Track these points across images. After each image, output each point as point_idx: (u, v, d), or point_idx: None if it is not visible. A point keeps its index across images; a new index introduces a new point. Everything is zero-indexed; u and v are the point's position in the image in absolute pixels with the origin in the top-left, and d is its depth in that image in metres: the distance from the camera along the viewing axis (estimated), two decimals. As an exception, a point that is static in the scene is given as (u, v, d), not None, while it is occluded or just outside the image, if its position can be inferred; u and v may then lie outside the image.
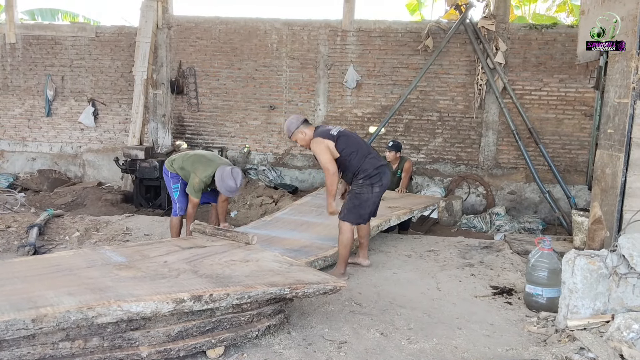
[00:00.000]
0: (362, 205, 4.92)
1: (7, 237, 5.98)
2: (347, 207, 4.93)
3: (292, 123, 4.91)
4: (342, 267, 4.93)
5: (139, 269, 3.52)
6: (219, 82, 10.15)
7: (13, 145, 11.09)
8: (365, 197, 4.91)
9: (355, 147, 4.93)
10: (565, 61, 8.84)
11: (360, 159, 4.91)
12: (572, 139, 9.00)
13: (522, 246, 6.14)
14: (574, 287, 3.63)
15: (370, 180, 4.91)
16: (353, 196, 4.94)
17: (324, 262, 4.93)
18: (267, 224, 6.23)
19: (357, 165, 4.90)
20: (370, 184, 4.92)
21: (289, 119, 5.00)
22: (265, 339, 3.48)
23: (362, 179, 4.91)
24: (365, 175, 4.90)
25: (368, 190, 4.92)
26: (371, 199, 4.98)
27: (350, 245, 4.93)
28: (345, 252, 4.91)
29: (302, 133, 4.88)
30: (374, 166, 4.94)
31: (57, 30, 10.72)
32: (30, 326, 2.56)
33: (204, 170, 5.39)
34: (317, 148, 4.82)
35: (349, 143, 4.92)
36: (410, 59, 9.40)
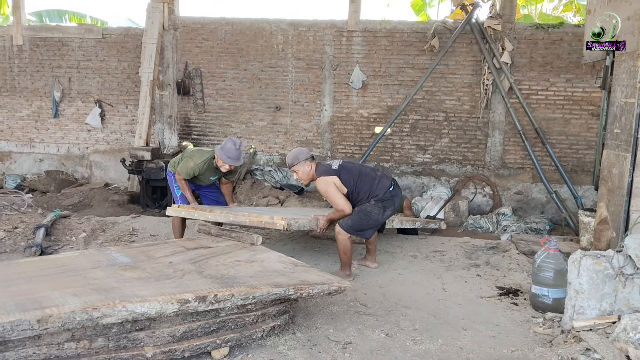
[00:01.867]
0: (368, 223, 4.94)
1: (14, 238, 6.02)
2: (353, 219, 4.88)
3: (301, 153, 4.91)
4: (347, 268, 4.98)
5: (144, 269, 3.53)
6: (225, 83, 10.17)
7: (20, 146, 11.15)
8: (375, 217, 4.93)
9: (360, 177, 4.93)
10: (572, 61, 8.79)
11: (369, 185, 4.91)
12: (579, 139, 8.96)
13: (528, 247, 6.12)
14: (580, 287, 3.61)
15: (383, 204, 4.93)
16: (363, 212, 4.90)
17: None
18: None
19: (367, 191, 4.90)
20: (382, 207, 4.94)
21: (298, 149, 5.00)
22: (270, 340, 3.49)
23: (374, 201, 4.91)
24: (377, 199, 4.91)
25: (379, 212, 4.93)
26: (380, 220, 5.03)
27: (350, 250, 4.97)
28: (347, 257, 4.96)
29: (308, 166, 4.87)
30: (385, 189, 4.94)
31: (64, 31, 10.77)
32: (35, 326, 2.58)
33: (201, 156, 5.48)
34: (327, 189, 4.81)
35: (352, 174, 4.92)
36: (416, 59, 9.38)
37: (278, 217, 4.58)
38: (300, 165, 4.84)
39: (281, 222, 4.53)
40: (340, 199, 4.81)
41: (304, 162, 4.84)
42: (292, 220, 4.64)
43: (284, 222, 4.53)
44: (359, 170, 5.00)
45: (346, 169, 4.92)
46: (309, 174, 4.88)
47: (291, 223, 4.61)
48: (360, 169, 5.04)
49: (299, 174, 4.88)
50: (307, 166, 4.85)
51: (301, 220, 4.79)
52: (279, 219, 4.56)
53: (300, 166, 4.84)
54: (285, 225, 4.54)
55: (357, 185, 4.89)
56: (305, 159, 4.84)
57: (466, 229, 8.31)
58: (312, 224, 4.90)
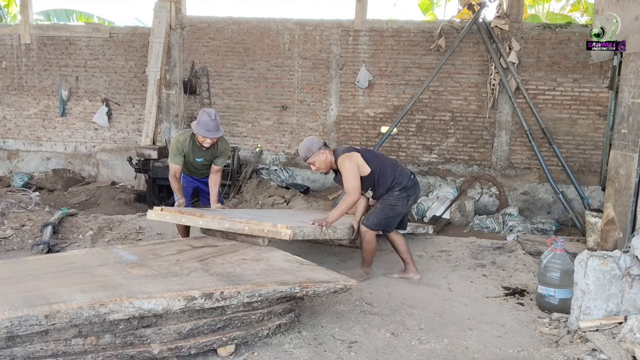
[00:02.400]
0: (393, 217, 4.82)
1: (21, 236, 6.06)
2: (378, 216, 4.77)
3: (313, 143, 4.68)
4: (367, 268, 4.91)
5: (151, 267, 3.54)
6: (231, 82, 10.19)
7: (28, 144, 11.21)
8: (399, 210, 4.81)
9: (385, 161, 4.81)
10: (579, 61, 8.76)
11: (392, 170, 4.78)
12: (586, 139, 8.92)
13: (534, 247, 6.11)
14: (586, 288, 3.60)
15: (407, 192, 4.80)
16: (387, 207, 4.76)
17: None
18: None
19: (390, 177, 4.74)
20: (406, 196, 4.80)
21: (308, 140, 4.75)
22: (275, 338, 3.49)
23: (398, 190, 4.76)
24: (402, 188, 4.76)
25: (403, 203, 4.80)
26: (403, 211, 4.90)
27: (374, 250, 4.89)
28: (370, 257, 4.88)
29: (324, 154, 4.66)
30: (408, 176, 4.84)
31: (71, 30, 10.82)
32: (43, 322, 2.59)
33: (183, 134, 5.25)
34: (345, 163, 4.57)
35: (375, 155, 4.81)
36: (422, 58, 9.37)
37: (282, 226, 4.12)
38: (316, 156, 4.64)
39: (287, 232, 4.09)
40: (355, 179, 4.56)
41: (318, 152, 4.64)
42: (297, 229, 4.25)
43: (290, 231, 4.10)
44: (384, 156, 4.93)
45: (369, 151, 4.83)
46: (327, 162, 4.68)
47: (296, 233, 4.20)
48: (381, 154, 4.99)
49: (317, 165, 4.67)
50: (323, 155, 4.65)
51: (306, 229, 4.42)
52: (283, 228, 4.11)
53: (316, 156, 4.64)
54: (291, 235, 4.11)
55: (382, 166, 4.72)
56: (318, 149, 4.64)
57: (472, 229, 8.30)
58: (316, 232, 4.52)
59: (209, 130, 4.96)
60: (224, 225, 4.30)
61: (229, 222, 4.29)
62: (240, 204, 9.16)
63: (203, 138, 5.01)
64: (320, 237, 4.60)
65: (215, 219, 4.36)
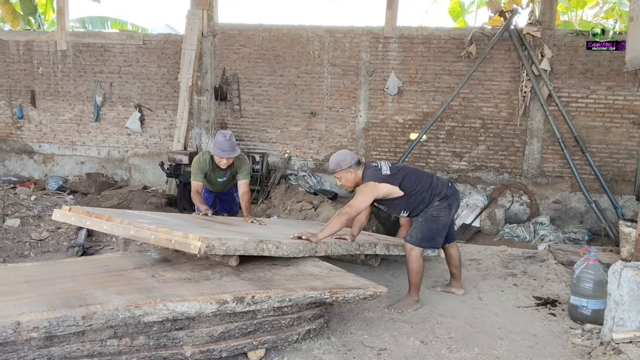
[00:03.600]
0: (438, 230, 4.53)
1: (57, 238, 6.20)
2: (422, 230, 4.48)
3: (344, 160, 4.43)
4: (416, 293, 4.54)
5: (184, 271, 3.60)
6: (261, 89, 10.28)
7: (63, 149, 11.47)
8: (443, 221, 4.52)
9: (419, 175, 4.53)
10: (613, 68, 8.61)
11: (429, 181, 4.53)
12: (619, 148, 8.76)
13: (566, 257, 6.02)
14: (620, 299, 3.54)
15: (448, 202, 4.52)
16: (429, 219, 4.48)
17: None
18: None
19: (428, 191, 4.48)
20: (448, 205, 4.53)
21: (341, 154, 4.51)
22: (305, 343, 3.52)
23: (438, 201, 4.49)
24: (442, 197, 4.51)
25: (446, 214, 4.52)
26: (448, 222, 4.61)
27: (422, 271, 4.53)
28: (418, 279, 4.51)
29: (352, 174, 4.44)
30: (445, 184, 4.60)
31: (106, 37, 11.06)
32: (80, 323, 2.66)
33: (204, 153, 5.46)
34: (364, 190, 4.35)
35: (410, 173, 4.50)
36: (453, 65, 9.33)
37: (194, 237, 3.28)
38: (344, 172, 4.44)
39: (196, 244, 3.23)
40: (363, 202, 4.32)
41: (347, 170, 4.42)
42: (217, 242, 3.37)
43: (201, 243, 3.24)
44: (415, 169, 4.63)
45: (400, 169, 4.50)
46: (354, 181, 4.48)
47: (214, 245, 3.34)
48: (414, 168, 4.69)
49: (343, 181, 4.50)
50: (351, 174, 4.43)
51: (234, 242, 3.53)
52: (194, 239, 3.26)
53: (343, 173, 4.45)
54: (203, 248, 3.25)
55: (418, 182, 4.45)
56: (349, 167, 4.41)
57: (502, 238, 8.21)
58: (248, 246, 3.62)
59: (224, 150, 5.14)
60: (129, 232, 3.61)
61: (134, 229, 3.60)
62: (269, 209, 9.23)
63: (219, 159, 5.21)
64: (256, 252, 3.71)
65: (122, 224, 3.66)
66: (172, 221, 4.22)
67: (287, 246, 3.84)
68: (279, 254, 3.80)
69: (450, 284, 4.93)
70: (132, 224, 3.63)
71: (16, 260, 5.42)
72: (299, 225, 6.11)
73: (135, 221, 3.69)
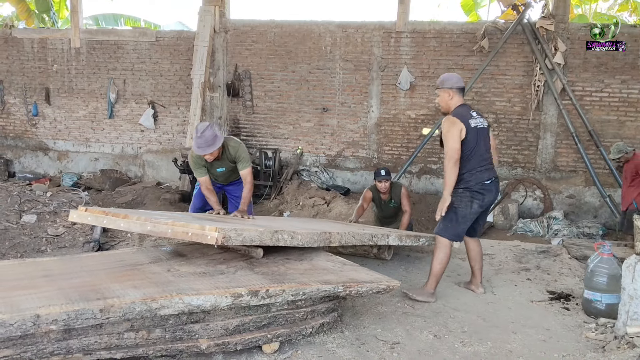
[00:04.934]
0: (459, 221, 4.42)
1: (72, 234, 6.27)
2: (444, 221, 4.44)
3: (449, 80, 4.44)
4: (433, 285, 4.47)
5: (199, 265, 3.64)
6: (273, 85, 10.31)
7: (77, 145, 11.58)
8: (463, 212, 4.39)
9: (476, 152, 4.37)
10: (627, 62, 8.53)
11: (471, 166, 4.37)
12: (634, 142, 8.69)
13: (580, 251, 5.98)
14: (634, 293, 3.53)
15: (470, 194, 4.38)
16: (450, 210, 4.39)
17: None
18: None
19: (462, 171, 4.36)
20: (470, 198, 4.39)
21: (451, 74, 4.53)
22: (319, 337, 3.54)
23: (462, 189, 4.38)
24: (465, 187, 4.39)
25: (467, 206, 4.39)
26: (469, 215, 4.44)
27: (445, 263, 4.46)
28: (439, 269, 4.44)
29: (449, 96, 4.42)
30: (479, 181, 4.39)
31: (119, 35, 11.14)
32: (98, 316, 2.70)
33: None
34: (449, 129, 4.28)
35: (477, 141, 4.37)
36: (465, 60, 9.30)
37: (211, 228, 3.34)
38: (442, 91, 4.45)
39: (213, 235, 3.30)
40: (456, 145, 4.24)
41: (446, 90, 4.42)
42: (233, 232, 3.41)
43: (218, 234, 3.30)
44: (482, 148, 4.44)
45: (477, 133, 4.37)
46: (446, 104, 4.44)
47: (230, 236, 3.38)
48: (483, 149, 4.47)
49: (437, 99, 4.52)
50: (448, 95, 4.42)
51: (250, 232, 3.55)
52: (211, 230, 3.33)
53: (441, 92, 4.45)
54: (220, 239, 3.31)
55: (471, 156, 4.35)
56: (449, 87, 4.41)
57: (515, 233, 8.19)
58: (263, 237, 3.65)
59: (199, 147, 4.78)
60: (146, 228, 3.64)
61: (151, 224, 3.63)
62: (281, 205, 9.27)
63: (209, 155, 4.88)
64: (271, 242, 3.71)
65: (139, 221, 3.68)
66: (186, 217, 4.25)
67: (302, 236, 3.85)
68: (294, 244, 3.81)
69: (470, 281, 4.86)
70: (149, 219, 3.66)
71: (33, 256, 5.49)
72: (310, 221, 6.14)
73: (151, 217, 3.72)
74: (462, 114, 4.34)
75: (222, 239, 3.28)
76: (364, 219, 6.93)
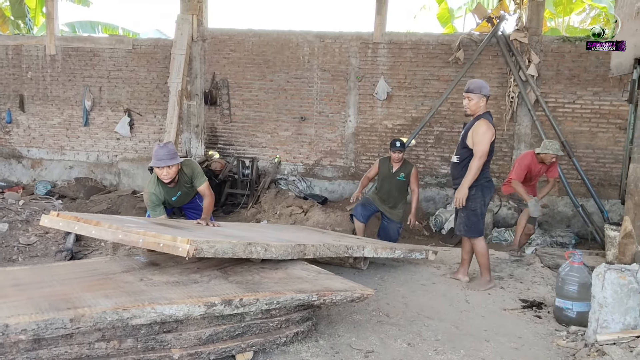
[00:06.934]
0: (479, 221, 5.02)
1: (45, 243, 6.18)
2: (466, 225, 5.01)
3: (486, 87, 4.91)
4: (487, 274, 5.12)
5: (172, 274, 3.61)
6: (251, 94, 10.31)
7: (51, 153, 11.43)
8: (480, 211, 4.99)
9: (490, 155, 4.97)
10: (599, 74, 8.74)
11: (484, 166, 4.95)
12: (606, 153, 8.87)
13: (553, 260, 6.07)
14: (604, 301, 3.59)
15: (481, 190, 4.96)
16: (470, 213, 4.99)
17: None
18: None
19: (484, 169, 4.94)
20: (481, 194, 4.96)
21: (484, 82, 4.98)
22: (293, 346, 3.53)
23: (473, 188, 4.92)
24: (475, 184, 4.93)
25: (480, 203, 4.97)
26: (484, 210, 5.05)
27: (487, 253, 5.09)
28: (485, 260, 5.08)
29: (483, 101, 4.88)
30: (485, 176, 4.99)
31: (95, 42, 11.05)
32: (68, 325, 2.67)
33: (150, 181, 4.90)
34: (486, 132, 4.80)
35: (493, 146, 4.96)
36: (441, 70, 9.41)
37: (183, 240, 3.26)
38: (477, 96, 4.85)
39: (185, 247, 3.22)
40: (488, 145, 4.81)
41: (482, 97, 4.86)
42: (205, 244, 3.35)
43: (190, 246, 3.22)
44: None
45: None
46: (477, 109, 4.88)
47: (202, 248, 3.31)
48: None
49: (471, 103, 4.88)
50: (482, 102, 4.87)
51: (223, 245, 3.48)
52: (183, 242, 3.24)
53: (477, 97, 4.85)
54: (192, 251, 3.22)
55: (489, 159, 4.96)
56: (485, 95, 4.87)
57: (490, 242, 8.27)
58: (236, 249, 3.57)
59: (160, 159, 4.64)
60: (118, 236, 3.55)
61: (122, 233, 3.54)
62: (259, 214, 9.25)
63: (160, 171, 4.70)
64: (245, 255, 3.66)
65: (110, 228, 3.60)
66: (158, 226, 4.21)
67: (275, 249, 3.85)
68: (267, 257, 3.81)
69: (457, 271, 5.38)
70: (120, 228, 3.58)
71: (4, 265, 5.40)
72: (287, 229, 6.14)
73: (123, 225, 3.64)
74: (493, 122, 4.92)
75: (194, 251, 3.24)
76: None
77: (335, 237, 5.46)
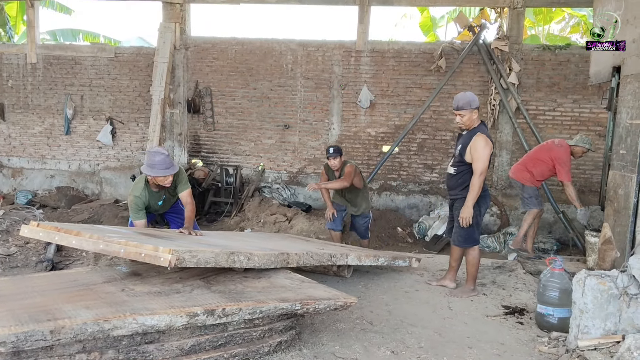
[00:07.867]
0: (474, 231, 5.05)
1: (25, 253, 6.09)
2: (462, 235, 5.04)
3: (475, 100, 4.87)
4: (472, 283, 5.17)
5: (154, 284, 3.59)
6: (234, 102, 10.30)
7: (32, 162, 11.30)
8: (475, 221, 4.99)
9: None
10: (578, 82, 8.86)
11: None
12: (586, 159, 8.96)
13: (535, 266, 6.13)
14: (584, 307, 3.63)
15: (478, 203, 4.95)
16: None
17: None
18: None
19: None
20: (478, 206, 4.96)
21: (471, 94, 4.91)
22: (276, 356, 3.52)
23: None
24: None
25: (477, 213, 4.98)
26: (480, 220, 5.10)
27: (477, 263, 5.14)
28: (474, 270, 5.13)
29: (476, 114, 4.88)
30: (482, 188, 4.97)
31: (77, 50, 10.97)
32: (48, 337, 2.64)
33: (136, 185, 4.95)
34: (485, 147, 4.80)
35: None
36: (423, 79, 9.48)
37: (164, 249, 3.25)
38: (469, 112, 4.84)
39: (166, 257, 3.21)
40: (487, 161, 4.84)
41: (473, 110, 4.84)
42: (188, 253, 3.35)
43: (171, 256, 3.21)
44: None
45: None
46: (472, 122, 4.89)
47: (184, 258, 3.31)
48: None
49: (464, 119, 4.86)
50: (475, 115, 4.87)
51: (205, 254, 3.48)
52: (164, 252, 3.23)
53: (469, 112, 4.84)
54: (173, 261, 3.22)
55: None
56: (476, 107, 4.86)
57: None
58: (219, 258, 3.57)
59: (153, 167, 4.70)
60: (99, 247, 3.52)
61: (103, 243, 3.51)
62: (242, 222, 9.22)
63: (153, 177, 4.79)
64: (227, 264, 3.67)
65: (91, 239, 3.57)
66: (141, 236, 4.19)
67: (258, 258, 3.85)
68: (250, 266, 3.81)
69: (444, 277, 5.42)
70: (102, 238, 3.55)
71: (-17, 276, 5.31)
72: (271, 237, 6.13)
73: (104, 235, 3.61)
74: (489, 133, 4.93)
75: (176, 261, 3.23)
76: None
77: (319, 245, 5.46)
